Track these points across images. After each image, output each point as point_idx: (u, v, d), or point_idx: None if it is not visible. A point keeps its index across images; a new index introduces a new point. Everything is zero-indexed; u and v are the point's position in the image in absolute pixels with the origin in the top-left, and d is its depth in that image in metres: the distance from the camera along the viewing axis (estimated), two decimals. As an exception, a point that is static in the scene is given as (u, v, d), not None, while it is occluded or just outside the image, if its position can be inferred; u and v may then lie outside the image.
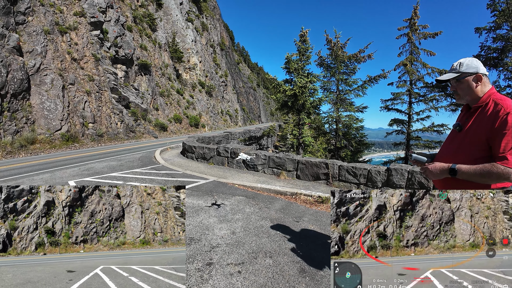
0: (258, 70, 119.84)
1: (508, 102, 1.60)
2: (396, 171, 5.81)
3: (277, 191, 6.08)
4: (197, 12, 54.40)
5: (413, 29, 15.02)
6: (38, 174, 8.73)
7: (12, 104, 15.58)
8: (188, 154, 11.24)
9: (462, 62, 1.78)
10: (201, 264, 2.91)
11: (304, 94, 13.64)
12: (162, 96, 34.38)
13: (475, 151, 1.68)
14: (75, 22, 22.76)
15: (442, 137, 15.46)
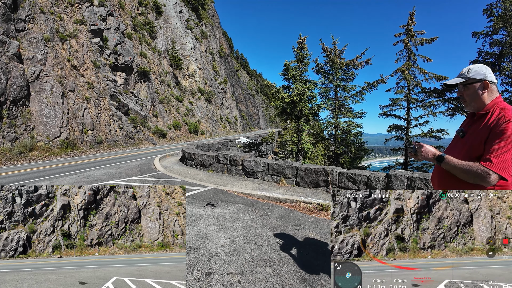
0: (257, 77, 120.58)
1: (511, 111, 1.62)
2: (396, 177, 5.81)
3: (276, 198, 6.06)
4: (196, 20, 54.97)
5: (410, 35, 15.19)
6: (36, 181, 8.68)
7: (12, 111, 15.59)
8: (187, 161, 11.22)
9: (471, 68, 1.79)
10: (200, 273, 2.88)
11: (302, 101, 13.69)
12: (161, 103, 34.48)
13: (473, 157, 1.69)
14: (75, 29, 22.95)
15: (441, 142, 15.50)
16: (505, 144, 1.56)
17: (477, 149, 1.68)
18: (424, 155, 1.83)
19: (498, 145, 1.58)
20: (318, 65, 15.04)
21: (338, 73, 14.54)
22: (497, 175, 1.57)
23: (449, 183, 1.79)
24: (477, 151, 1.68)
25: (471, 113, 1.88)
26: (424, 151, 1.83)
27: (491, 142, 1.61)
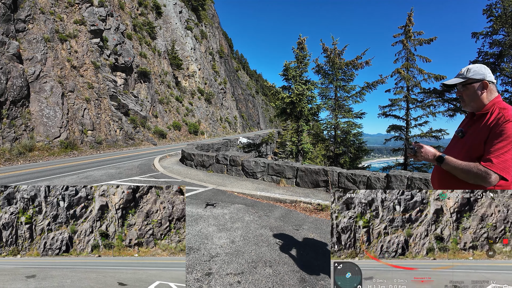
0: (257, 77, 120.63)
1: (511, 111, 1.62)
2: (396, 177, 5.81)
3: (276, 198, 6.05)
4: (196, 20, 54.99)
5: (408, 36, 15.20)
6: (36, 181, 8.68)
7: (11, 111, 15.58)
8: (187, 162, 11.22)
9: (470, 68, 1.78)
10: (200, 274, 2.88)
11: (302, 101, 13.70)
12: (161, 103, 34.48)
13: (473, 157, 1.69)
14: (75, 30, 22.96)
15: (440, 142, 15.50)
16: (505, 144, 1.56)
17: (477, 149, 1.68)
18: (424, 156, 1.83)
19: (498, 145, 1.58)
20: (318, 65, 15.04)
21: (338, 73, 14.55)
22: (498, 175, 1.56)
23: (449, 183, 1.79)
24: (477, 151, 1.68)
25: (471, 113, 1.88)
26: (424, 151, 1.82)
27: (491, 142, 1.61)
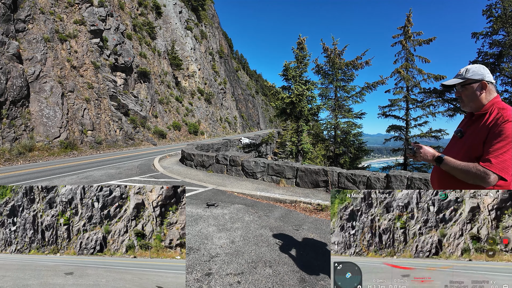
0: (257, 77, 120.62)
1: (510, 111, 1.62)
2: (395, 177, 5.81)
3: (276, 199, 6.06)
4: (196, 20, 55.00)
5: (407, 37, 15.22)
6: (36, 182, 8.68)
7: (11, 111, 15.58)
8: (187, 162, 11.22)
9: (468, 68, 1.78)
10: (200, 274, 2.88)
11: (301, 102, 13.71)
12: (161, 103, 34.48)
13: (472, 157, 1.69)
14: (75, 30, 22.96)
15: (440, 142, 15.52)
16: (504, 144, 1.56)
17: (476, 149, 1.68)
18: (423, 156, 1.83)
19: (497, 146, 1.58)
20: (318, 65, 15.06)
21: (338, 73, 14.56)
22: (497, 175, 1.57)
23: (449, 183, 1.79)
24: (476, 152, 1.68)
25: (470, 113, 1.88)
26: (423, 152, 1.83)
27: (490, 143, 1.61)
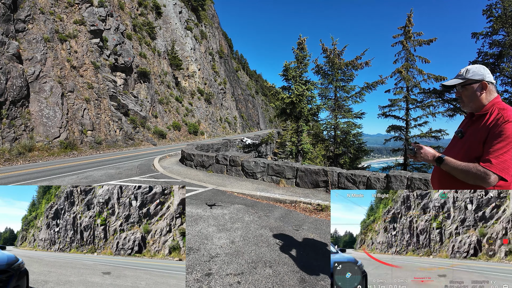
0: (257, 78, 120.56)
1: (510, 112, 1.62)
2: (395, 177, 5.81)
3: (276, 199, 6.05)
4: (196, 20, 54.99)
5: (408, 37, 15.22)
6: (36, 182, 8.67)
7: (11, 111, 15.57)
8: (187, 162, 11.21)
9: (469, 68, 1.79)
10: (200, 274, 2.88)
11: (301, 102, 13.71)
12: (161, 103, 34.47)
13: (472, 158, 1.69)
14: (75, 30, 22.95)
15: (440, 143, 15.52)
16: (505, 145, 1.56)
17: (476, 149, 1.68)
18: (423, 157, 1.83)
19: (497, 146, 1.58)
20: (318, 65, 15.06)
21: (337, 73, 14.56)
22: (497, 175, 1.57)
23: (449, 183, 1.79)
24: (476, 152, 1.68)
25: (470, 114, 1.88)
26: (424, 152, 1.83)
27: (490, 143, 1.61)
